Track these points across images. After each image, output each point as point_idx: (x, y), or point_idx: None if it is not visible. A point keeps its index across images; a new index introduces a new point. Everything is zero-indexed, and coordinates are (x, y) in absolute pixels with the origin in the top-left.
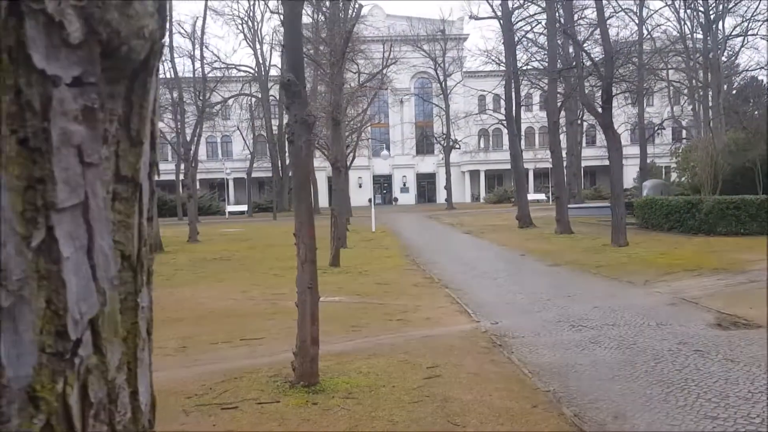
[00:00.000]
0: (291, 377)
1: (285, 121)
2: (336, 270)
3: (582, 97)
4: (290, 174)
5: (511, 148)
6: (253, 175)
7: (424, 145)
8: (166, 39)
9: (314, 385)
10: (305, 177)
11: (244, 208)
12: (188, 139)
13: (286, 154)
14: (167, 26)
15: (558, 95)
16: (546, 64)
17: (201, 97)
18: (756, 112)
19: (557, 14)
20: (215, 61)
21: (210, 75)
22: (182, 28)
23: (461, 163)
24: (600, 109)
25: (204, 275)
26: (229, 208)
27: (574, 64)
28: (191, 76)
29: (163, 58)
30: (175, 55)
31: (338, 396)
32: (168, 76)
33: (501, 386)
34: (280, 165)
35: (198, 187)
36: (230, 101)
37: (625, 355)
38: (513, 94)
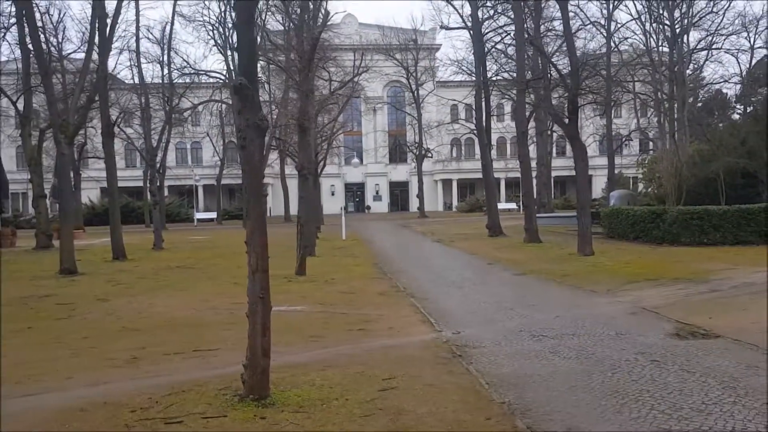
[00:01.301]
0: (241, 390)
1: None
2: (302, 279)
3: (549, 108)
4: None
5: (482, 158)
6: (223, 182)
7: (397, 154)
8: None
9: (264, 399)
10: (258, 183)
11: (213, 215)
12: (155, 145)
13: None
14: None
15: (527, 105)
16: (515, 75)
17: (169, 103)
18: (720, 125)
19: (525, 26)
20: (185, 66)
21: (180, 81)
22: (151, 33)
23: (434, 172)
24: (566, 120)
25: (166, 284)
26: (198, 215)
27: (541, 75)
28: (161, 82)
29: (131, 63)
30: (144, 60)
31: (288, 410)
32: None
33: (457, 398)
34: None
35: (167, 193)
36: (200, 107)
37: (583, 366)
38: (483, 104)
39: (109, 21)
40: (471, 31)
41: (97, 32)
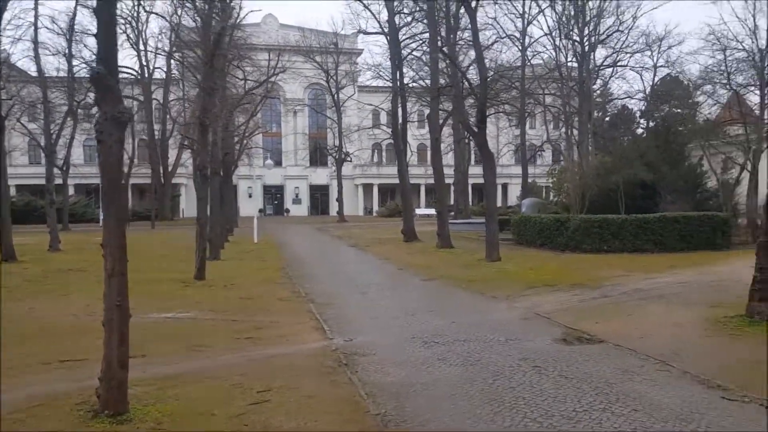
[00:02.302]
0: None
1: (168, 125)
2: (200, 284)
3: (458, 116)
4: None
5: (398, 164)
6: (134, 181)
7: (317, 157)
8: None
9: (121, 415)
10: (116, 180)
11: None
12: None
13: (169, 160)
14: None
15: (442, 113)
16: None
17: (72, 98)
18: (626, 138)
19: (440, 34)
20: (93, 60)
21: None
22: (56, 23)
23: (355, 176)
24: (475, 129)
25: (51, 288)
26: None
27: (451, 83)
28: (67, 75)
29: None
30: (48, 51)
31: (144, 427)
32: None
33: (332, 410)
34: (161, 171)
35: (72, 192)
36: None
37: (467, 372)
38: (400, 110)
39: None
40: (388, 37)
41: None
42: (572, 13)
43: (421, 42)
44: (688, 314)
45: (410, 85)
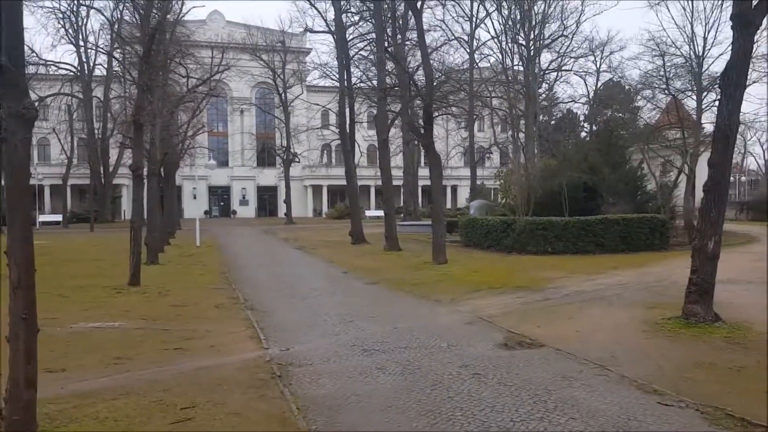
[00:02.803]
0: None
1: (109, 124)
2: (133, 290)
3: (405, 117)
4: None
5: (345, 164)
6: (74, 182)
7: (265, 157)
8: None
9: None
10: (22, 183)
11: (59, 218)
12: None
13: (110, 159)
14: None
15: (391, 114)
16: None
17: None
18: (570, 141)
19: (387, 34)
20: (29, 55)
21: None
22: None
23: (303, 177)
24: (422, 130)
25: None
26: (42, 218)
27: (395, 84)
28: None
29: None
30: None
31: None
32: None
33: (259, 428)
34: (102, 171)
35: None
36: (48, 100)
37: (406, 382)
38: (347, 110)
39: None
40: (334, 36)
41: None
42: (518, 17)
43: (368, 42)
44: (627, 316)
45: (358, 85)
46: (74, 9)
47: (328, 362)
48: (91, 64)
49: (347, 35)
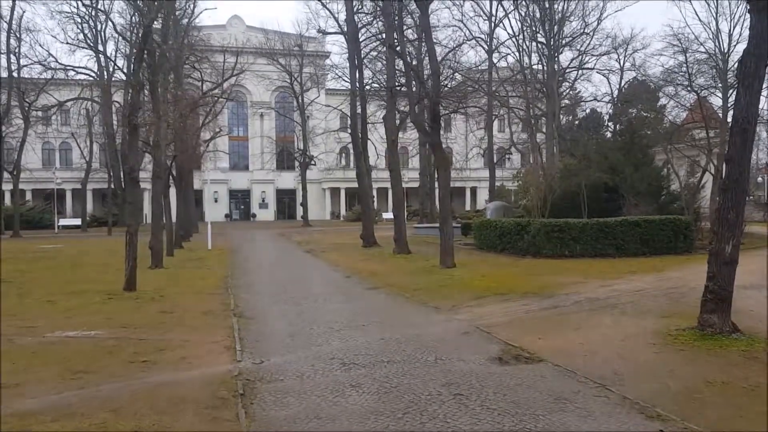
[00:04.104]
0: None
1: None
2: (127, 295)
3: (412, 116)
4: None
5: (357, 166)
6: (95, 186)
7: (284, 161)
8: None
9: None
10: None
11: (79, 221)
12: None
13: (127, 165)
14: None
15: (403, 114)
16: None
17: (26, 100)
18: (592, 140)
19: (396, 33)
20: (47, 59)
21: (43, 76)
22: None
23: (322, 180)
24: (429, 129)
25: None
26: (63, 222)
27: (400, 84)
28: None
29: None
30: None
31: None
32: None
33: None
34: (122, 176)
35: (30, 198)
36: (69, 104)
37: (377, 403)
38: (360, 111)
39: None
40: (346, 36)
41: None
42: (538, 15)
43: (379, 42)
44: (638, 326)
45: (372, 85)
46: (92, 14)
47: (301, 378)
48: (111, 69)
49: (359, 36)
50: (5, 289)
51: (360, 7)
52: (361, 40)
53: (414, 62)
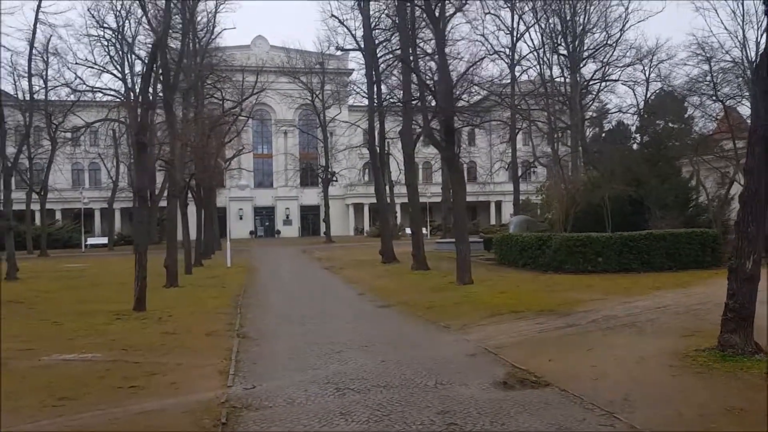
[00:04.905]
0: None
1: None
2: (135, 316)
3: (425, 130)
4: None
5: (375, 182)
6: (123, 205)
7: (308, 177)
8: None
9: None
10: None
11: (106, 240)
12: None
13: (157, 184)
14: None
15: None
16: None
17: (54, 122)
18: (616, 152)
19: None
20: (74, 82)
21: (71, 98)
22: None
23: (345, 196)
24: (442, 143)
25: None
26: (91, 241)
27: (414, 98)
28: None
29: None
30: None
31: None
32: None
33: None
34: (149, 194)
35: (59, 217)
36: (96, 125)
37: None
38: (378, 126)
39: None
40: (363, 52)
41: None
42: (559, 28)
43: (395, 58)
44: (656, 346)
45: (391, 100)
46: (119, 37)
47: (291, 405)
48: (137, 91)
49: (378, 52)
50: (16, 310)
51: (376, 22)
52: (379, 56)
53: (434, 76)
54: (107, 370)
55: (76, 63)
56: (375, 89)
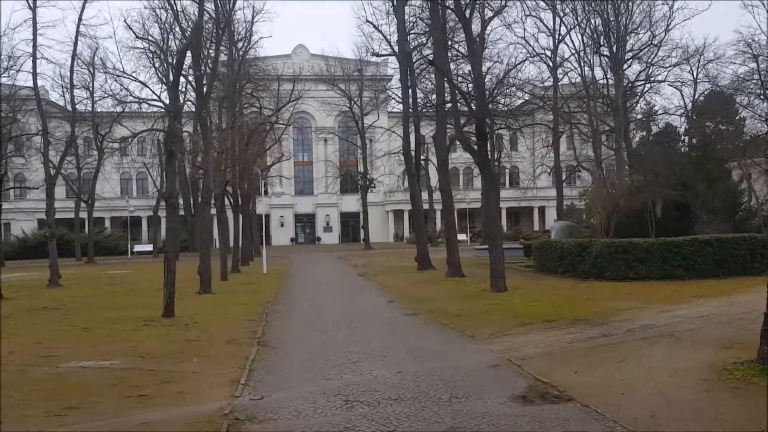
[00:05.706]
0: None
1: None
2: (163, 322)
3: (457, 134)
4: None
5: (410, 188)
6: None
7: (348, 184)
8: None
9: None
10: None
11: (151, 247)
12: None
13: (198, 192)
14: None
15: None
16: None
17: (101, 133)
18: (664, 153)
19: (449, 53)
20: (120, 93)
21: (116, 109)
22: (79, 59)
23: (385, 203)
24: (475, 147)
25: None
26: (137, 248)
27: (444, 101)
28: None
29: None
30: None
31: None
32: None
33: None
34: (192, 202)
35: (108, 225)
36: (143, 135)
37: None
38: (414, 132)
39: None
40: (398, 57)
41: None
42: (601, 29)
43: (428, 62)
44: (692, 359)
45: (425, 106)
46: (164, 48)
47: (297, 417)
48: (180, 101)
49: (412, 56)
50: (49, 316)
51: (412, 27)
52: (414, 60)
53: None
54: (121, 378)
55: (119, 75)
56: (410, 94)
